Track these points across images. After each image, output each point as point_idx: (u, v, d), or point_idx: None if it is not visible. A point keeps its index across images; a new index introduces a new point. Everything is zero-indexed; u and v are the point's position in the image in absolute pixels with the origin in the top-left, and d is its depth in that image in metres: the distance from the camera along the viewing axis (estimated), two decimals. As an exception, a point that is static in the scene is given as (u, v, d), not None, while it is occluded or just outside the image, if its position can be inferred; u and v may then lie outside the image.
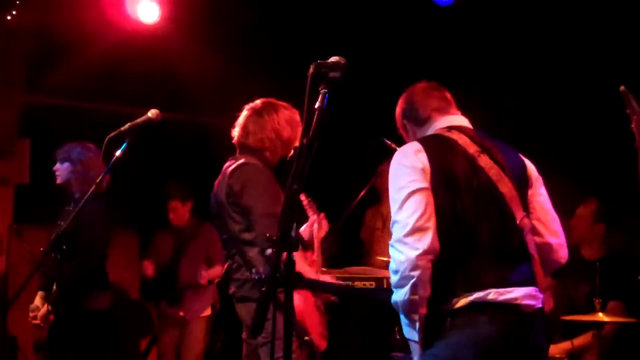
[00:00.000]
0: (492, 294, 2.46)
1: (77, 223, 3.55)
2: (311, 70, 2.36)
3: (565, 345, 4.26)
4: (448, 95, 2.85)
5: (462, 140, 2.63)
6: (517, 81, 5.36)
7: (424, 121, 2.79)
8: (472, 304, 2.46)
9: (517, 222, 2.57)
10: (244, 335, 3.60)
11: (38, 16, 6.00)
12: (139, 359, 6.34)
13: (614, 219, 4.48)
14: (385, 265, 3.23)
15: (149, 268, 5.89)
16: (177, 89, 6.35)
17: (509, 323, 2.47)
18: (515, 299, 2.48)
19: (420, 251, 2.44)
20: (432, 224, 2.48)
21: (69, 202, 4.46)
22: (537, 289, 2.55)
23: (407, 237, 2.46)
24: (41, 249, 4.65)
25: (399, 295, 2.49)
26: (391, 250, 2.52)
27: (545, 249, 2.71)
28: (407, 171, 2.56)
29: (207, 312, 5.93)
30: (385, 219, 5.81)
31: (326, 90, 2.36)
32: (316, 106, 2.34)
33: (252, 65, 6.14)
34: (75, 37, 5.74)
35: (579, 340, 4.29)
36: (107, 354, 4.43)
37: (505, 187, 2.58)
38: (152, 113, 3.42)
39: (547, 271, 2.78)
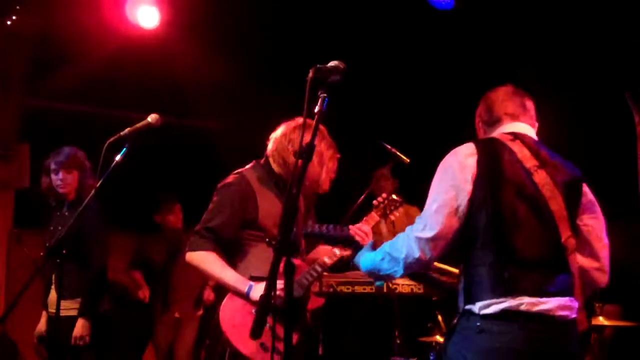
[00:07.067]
0: (525, 305, 2.44)
1: (78, 227, 3.54)
2: (310, 74, 2.36)
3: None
4: (528, 103, 2.82)
5: (522, 153, 2.61)
6: (515, 82, 5.36)
7: (493, 123, 2.79)
8: (504, 311, 2.44)
9: (562, 240, 2.55)
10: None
11: (38, 21, 6.01)
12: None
13: None
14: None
15: (138, 276, 6.05)
16: (177, 93, 6.35)
17: (541, 332, 2.46)
18: (549, 310, 2.47)
19: (429, 259, 2.56)
20: (448, 236, 2.53)
21: (61, 207, 4.46)
22: (572, 298, 2.53)
23: (429, 243, 2.53)
24: (41, 254, 4.65)
25: (389, 268, 2.63)
26: (408, 237, 2.57)
27: (586, 272, 2.69)
28: (450, 175, 2.56)
29: (200, 311, 5.96)
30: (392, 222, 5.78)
31: (325, 95, 2.37)
32: (316, 110, 2.35)
33: (251, 70, 6.15)
34: (75, 41, 5.75)
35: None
36: (105, 356, 4.43)
37: (557, 205, 2.56)
38: (152, 118, 3.41)
39: (585, 293, 2.72)
